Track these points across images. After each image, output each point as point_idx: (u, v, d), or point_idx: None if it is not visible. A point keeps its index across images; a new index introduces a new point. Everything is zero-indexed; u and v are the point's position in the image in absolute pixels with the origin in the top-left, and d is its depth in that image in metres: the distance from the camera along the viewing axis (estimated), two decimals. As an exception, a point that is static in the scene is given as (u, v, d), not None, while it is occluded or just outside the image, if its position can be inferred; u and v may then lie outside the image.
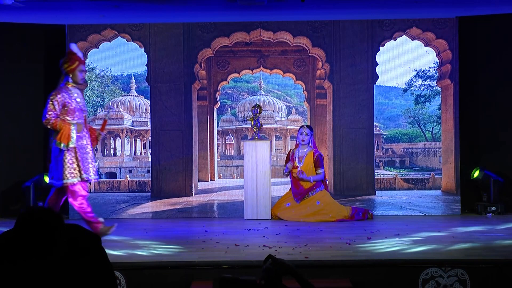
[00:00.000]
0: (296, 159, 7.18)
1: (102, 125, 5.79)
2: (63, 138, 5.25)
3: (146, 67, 8.57)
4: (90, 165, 5.42)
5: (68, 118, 5.32)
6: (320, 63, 9.28)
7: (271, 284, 1.79)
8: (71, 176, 5.26)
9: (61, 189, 5.36)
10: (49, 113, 5.29)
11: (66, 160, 5.26)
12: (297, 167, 7.14)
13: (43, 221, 1.61)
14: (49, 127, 5.32)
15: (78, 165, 5.29)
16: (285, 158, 7.60)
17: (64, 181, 5.25)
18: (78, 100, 5.50)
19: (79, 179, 5.30)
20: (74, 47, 5.59)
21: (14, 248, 1.59)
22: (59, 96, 5.33)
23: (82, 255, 1.63)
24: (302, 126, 7.39)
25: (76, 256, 1.61)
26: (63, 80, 5.49)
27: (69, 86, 5.46)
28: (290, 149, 7.44)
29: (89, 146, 5.48)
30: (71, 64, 5.46)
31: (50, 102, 5.30)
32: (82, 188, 5.34)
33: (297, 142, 7.30)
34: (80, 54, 5.57)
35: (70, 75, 5.46)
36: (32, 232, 1.57)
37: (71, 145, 5.25)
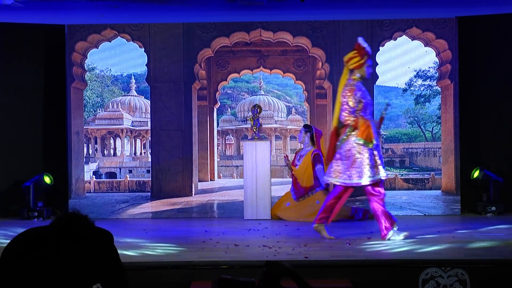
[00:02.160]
0: (298, 156, 7.29)
1: (379, 122, 5.42)
2: (366, 135, 5.08)
3: (146, 67, 8.57)
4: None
5: (363, 114, 5.15)
6: (320, 63, 9.28)
7: (269, 285, 1.79)
8: (370, 174, 5.11)
9: (344, 190, 5.25)
10: (349, 110, 5.09)
11: (367, 158, 5.10)
12: (296, 165, 7.21)
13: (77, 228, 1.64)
14: (350, 123, 5.12)
15: (377, 163, 5.15)
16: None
17: (374, 177, 5.12)
18: (368, 95, 5.29)
19: (378, 177, 5.16)
20: (362, 41, 5.31)
21: (37, 244, 1.61)
22: (356, 92, 5.12)
23: (92, 250, 1.64)
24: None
25: (86, 252, 1.63)
26: (348, 75, 5.25)
27: (357, 81, 5.22)
28: (300, 149, 7.51)
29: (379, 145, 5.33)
30: (361, 59, 5.20)
31: (349, 99, 5.09)
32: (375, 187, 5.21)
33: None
34: (368, 49, 5.31)
35: (357, 70, 5.21)
36: (63, 234, 1.60)
37: (373, 143, 5.11)
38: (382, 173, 5.17)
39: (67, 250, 1.60)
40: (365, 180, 5.13)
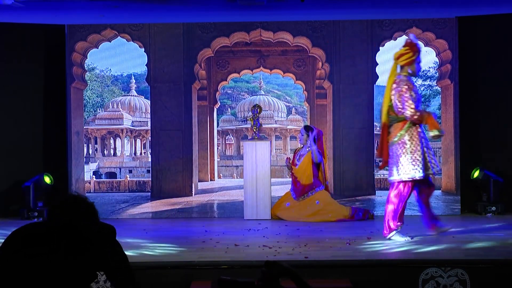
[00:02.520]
0: (298, 156, 7.29)
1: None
2: (434, 125, 5.04)
3: (146, 67, 8.58)
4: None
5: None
6: (320, 63, 9.28)
7: (269, 285, 1.79)
8: (423, 169, 5.09)
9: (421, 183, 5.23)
10: (413, 105, 5.04)
11: (420, 154, 5.09)
12: (296, 164, 7.22)
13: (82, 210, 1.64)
14: (415, 117, 5.07)
15: (426, 159, 5.15)
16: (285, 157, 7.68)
17: (426, 172, 5.12)
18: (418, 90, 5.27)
19: (426, 173, 5.15)
20: (413, 37, 5.29)
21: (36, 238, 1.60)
22: (412, 87, 5.10)
23: (92, 249, 1.64)
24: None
25: (86, 252, 1.63)
26: (396, 70, 5.21)
27: (407, 77, 5.19)
28: (299, 148, 7.49)
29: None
30: (413, 55, 5.17)
31: (411, 93, 5.06)
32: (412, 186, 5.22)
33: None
34: (419, 45, 5.29)
35: (408, 66, 5.19)
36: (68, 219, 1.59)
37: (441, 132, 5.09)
38: (435, 168, 5.21)
39: (67, 249, 1.59)
40: (418, 174, 5.12)
